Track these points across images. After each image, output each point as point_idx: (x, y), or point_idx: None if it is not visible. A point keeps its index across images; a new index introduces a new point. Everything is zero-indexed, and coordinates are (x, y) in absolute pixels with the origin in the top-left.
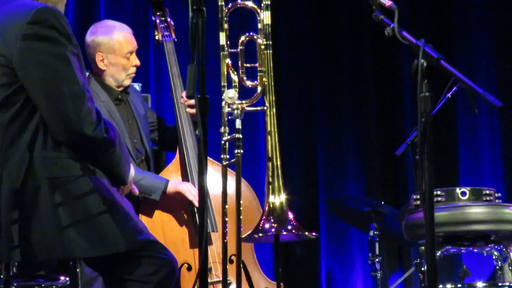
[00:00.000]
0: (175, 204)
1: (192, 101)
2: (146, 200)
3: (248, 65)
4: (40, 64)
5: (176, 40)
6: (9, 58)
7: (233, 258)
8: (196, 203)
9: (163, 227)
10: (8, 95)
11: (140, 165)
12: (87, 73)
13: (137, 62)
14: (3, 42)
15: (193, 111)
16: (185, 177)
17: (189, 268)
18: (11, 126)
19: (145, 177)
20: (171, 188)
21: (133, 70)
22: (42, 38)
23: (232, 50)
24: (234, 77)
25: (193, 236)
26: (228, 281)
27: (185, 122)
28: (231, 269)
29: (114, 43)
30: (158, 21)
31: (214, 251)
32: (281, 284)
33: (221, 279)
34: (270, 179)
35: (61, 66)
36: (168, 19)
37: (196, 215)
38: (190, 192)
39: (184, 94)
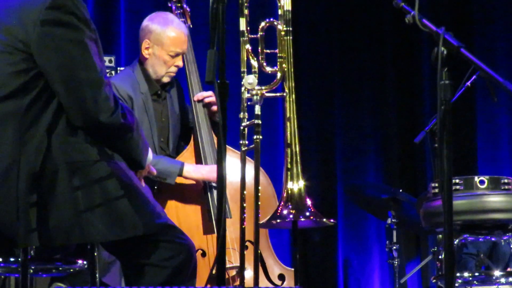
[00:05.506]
0: (189, 191)
1: (209, 97)
2: (160, 186)
3: (268, 51)
4: (58, 50)
5: (191, 26)
6: (27, 44)
7: (248, 244)
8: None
9: (177, 214)
10: (26, 80)
11: None
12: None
13: (179, 63)
14: (21, 27)
15: (215, 108)
16: (199, 163)
17: (204, 254)
18: (30, 111)
19: (159, 162)
20: (186, 173)
21: (173, 69)
22: (60, 24)
23: (252, 36)
24: (254, 63)
25: (207, 222)
26: None
27: (199, 108)
28: (246, 255)
29: (164, 37)
30: (173, 7)
31: (228, 237)
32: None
33: (234, 265)
34: (289, 165)
35: (79, 52)
36: (184, 6)
37: (210, 201)
38: (209, 174)
39: (197, 95)
